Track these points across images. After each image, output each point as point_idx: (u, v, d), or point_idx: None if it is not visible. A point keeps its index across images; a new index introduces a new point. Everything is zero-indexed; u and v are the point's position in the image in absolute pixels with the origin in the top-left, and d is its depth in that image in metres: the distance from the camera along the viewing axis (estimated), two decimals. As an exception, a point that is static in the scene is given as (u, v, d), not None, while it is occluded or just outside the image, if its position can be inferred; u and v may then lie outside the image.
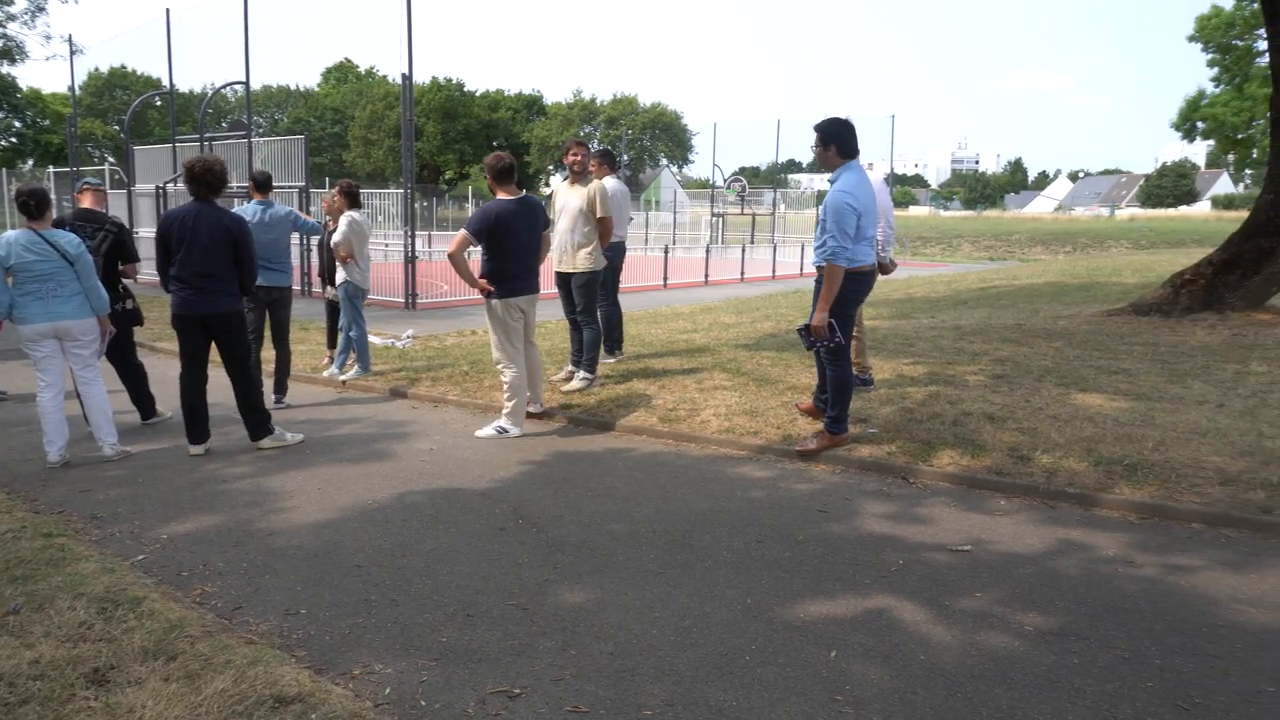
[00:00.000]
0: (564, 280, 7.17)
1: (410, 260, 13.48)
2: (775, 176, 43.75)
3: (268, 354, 7.12)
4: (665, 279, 18.92)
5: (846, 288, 5.20)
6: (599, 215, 6.82)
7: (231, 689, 2.63)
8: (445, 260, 7.36)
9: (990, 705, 2.69)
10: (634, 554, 3.91)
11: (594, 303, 7.13)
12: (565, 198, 7.02)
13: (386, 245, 17.18)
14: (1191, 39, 39.93)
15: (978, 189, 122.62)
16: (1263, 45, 10.20)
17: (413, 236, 13.51)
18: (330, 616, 3.31)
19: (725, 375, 7.30)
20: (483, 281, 6.04)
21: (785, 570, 3.72)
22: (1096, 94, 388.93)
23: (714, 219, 35.98)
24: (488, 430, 6.08)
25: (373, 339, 9.13)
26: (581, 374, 7.14)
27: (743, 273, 21.55)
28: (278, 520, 4.38)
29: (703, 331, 10.21)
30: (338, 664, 2.96)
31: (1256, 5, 9.83)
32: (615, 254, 8.00)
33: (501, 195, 6.04)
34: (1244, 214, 10.41)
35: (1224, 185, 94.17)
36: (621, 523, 4.32)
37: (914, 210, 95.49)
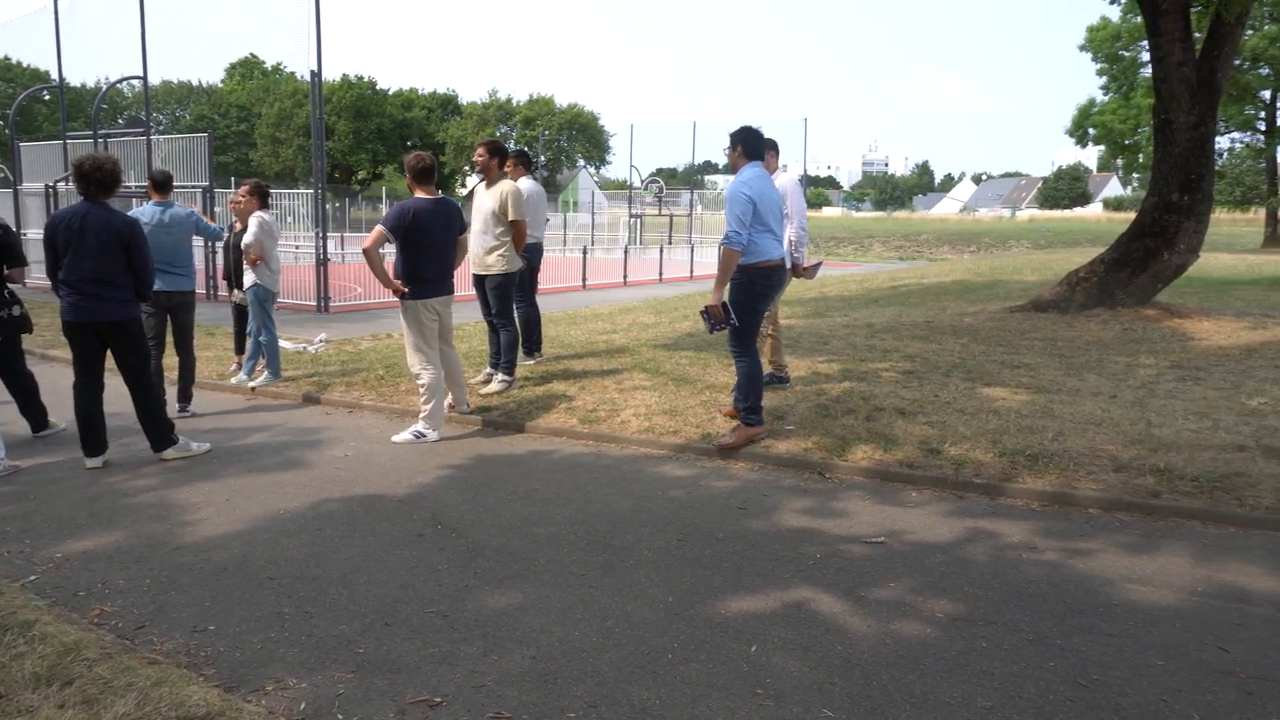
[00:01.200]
0: (480, 282, 7.09)
1: (322, 262, 13.12)
2: (692, 178, 44.15)
3: (170, 361, 6.83)
4: (584, 280, 18.89)
5: (757, 281, 5.47)
6: (510, 218, 6.75)
7: (134, 713, 2.52)
8: (360, 263, 7.19)
9: (904, 692, 2.77)
10: (555, 556, 3.90)
11: (509, 305, 7.08)
12: (479, 199, 6.95)
13: (297, 247, 16.68)
14: (1082, 49, 41.94)
15: (888, 191, 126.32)
16: (1147, 56, 10.82)
17: (324, 238, 13.16)
18: (241, 632, 3.19)
19: (645, 375, 7.33)
20: (397, 282, 5.93)
21: (706, 568, 3.76)
22: (998, 100, 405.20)
23: (632, 220, 36.11)
24: (405, 435, 5.97)
25: (283, 344, 8.85)
26: (500, 376, 7.07)
27: (661, 273, 21.68)
28: (184, 534, 4.21)
29: (622, 332, 10.23)
30: (249, 680, 2.86)
31: (1140, 18, 10.40)
32: (533, 255, 7.95)
33: (420, 195, 5.94)
34: (1132, 215, 10.99)
35: (1114, 188, 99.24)
36: (542, 525, 4.29)
37: (827, 211, 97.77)
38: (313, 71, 12.83)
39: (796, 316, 11.27)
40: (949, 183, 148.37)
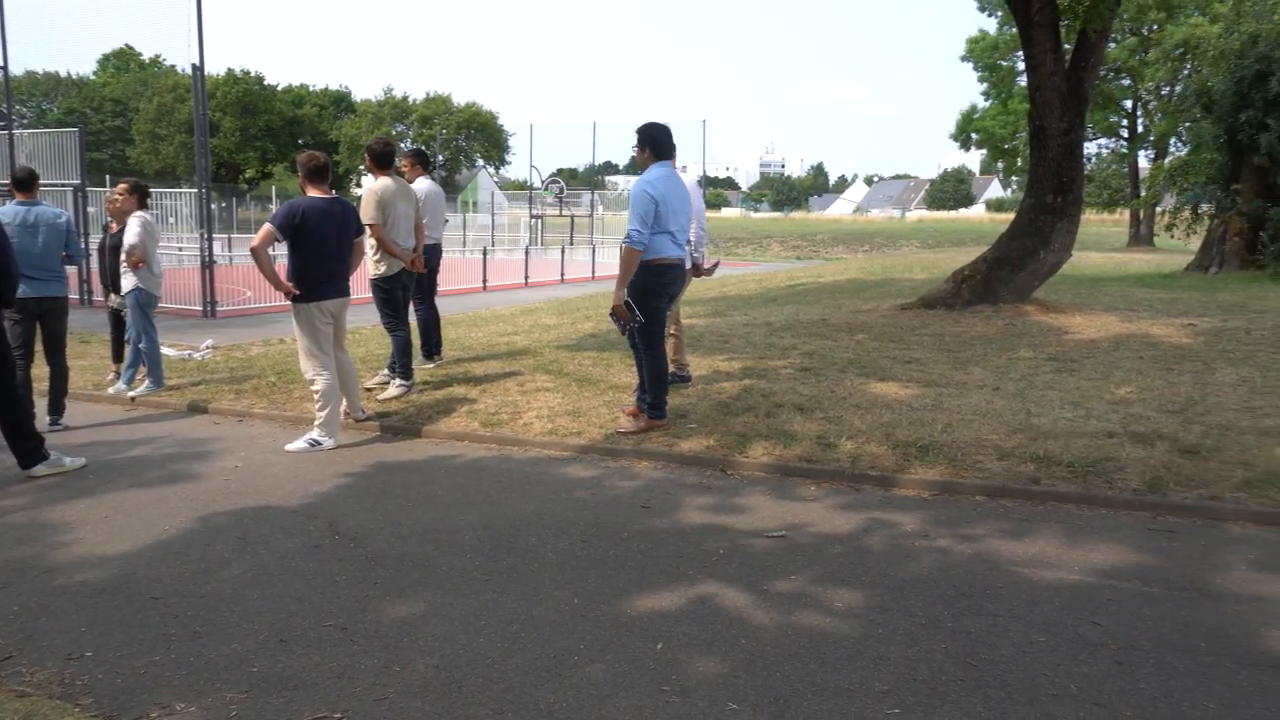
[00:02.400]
0: (377, 286, 6.93)
1: (208, 265, 12.55)
2: (593, 178, 44.18)
3: (40, 371, 6.40)
4: (485, 281, 18.67)
5: (650, 280, 5.52)
6: (363, 220, 6.59)
7: (2, 748, 2.35)
8: (249, 265, 6.90)
9: (806, 681, 2.84)
10: (459, 562, 3.83)
11: (392, 309, 6.92)
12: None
13: (180, 249, 15.90)
14: (964, 59, 43.95)
15: (784, 192, 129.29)
16: (1022, 66, 11.45)
17: (210, 239, 12.58)
18: (122, 657, 3.02)
19: (547, 377, 7.30)
20: (288, 284, 5.72)
21: (611, 568, 3.77)
22: (888, 104, 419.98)
23: (533, 220, 35.90)
24: (299, 443, 5.77)
25: (166, 350, 8.43)
26: (397, 381, 6.92)
27: (563, 274, 21.62)
28: (57, 556, 3.95)
29: (524, 333, 10.15)
30: (131, 708, 2.71)
31: (1015, 31, 10.98)
32: (431, 256, 7.81)
33: (313, 194, 5.75)
34: (1012, 216, 11.56)
35: (995, 190, 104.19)
36: (445, 531, 4.22)
37: (726, 212, 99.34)
38: (194, 65, 12.26)
39: (698, 316, 11.41)
40: (843, 184, 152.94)
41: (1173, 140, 36.00)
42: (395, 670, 2.91)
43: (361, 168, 61.72)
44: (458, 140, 70.56)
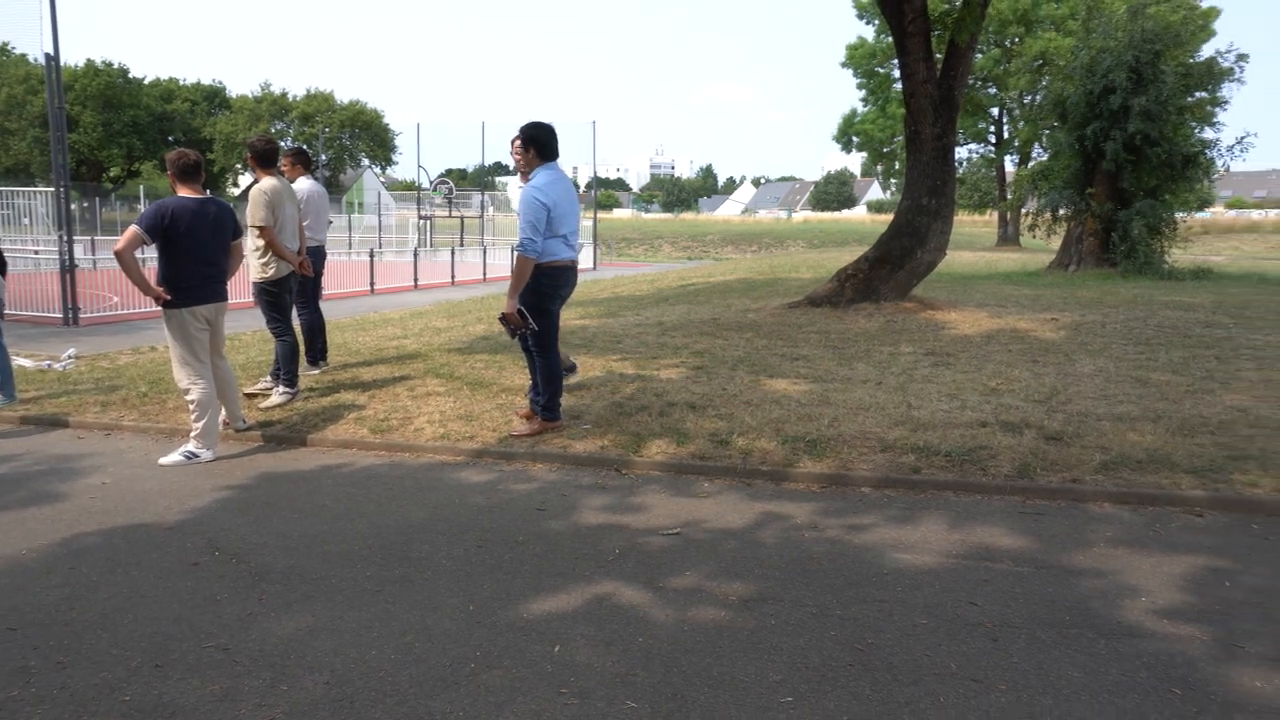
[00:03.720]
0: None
1: (68, 269, 11.76)
2: (483, 179, 43.65)
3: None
4: (372, 284, 18.18)
5: (544, 283, 5.48)
6: (249, 223, 6.35)
7: None
8: (116, 269, 6.51)
9: (703, 675, 2.88)
10: (349, 574, 3.72)
11: (279, 313, 6.67)
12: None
13: (36, 253, 14.84)
14: (844, 65, 45.49)
15: (675, 193, 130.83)
16: (899, 73, 11.90)
17: (70, 241, 11.79)
18: (-25, 692, 2.80)
19: (438, 381, 7.17)
20: (159, 289, 5.42)
21: (507, 572, 3.73)
22: (774, 108, 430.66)
23: (421, 222, 35.18)
24: (174, 457, 5.47)
25: (21, 361, 7.85)
26: (281, 388, 6.65)
27: (453, 276, 21.27)
28: (-104, 586, 3.63)
29: (414, 337, 9.94)
30: (-12, 746, 2.51)
31: (892, 39, 11.46)
32: (315, 259, 7.55)
33: (184, 194, 5.46)
34: (891, 217, 12.05)
35: (876, 192, 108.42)
36: (334, 543, 4.08)
37: (618, 213, 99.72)
38: (48, 54, 11.47)
39: (590, 316, 11.43)
40: (731, 185, 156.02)
41: (1035, 146, 38.28)
42: (282, 690, 2.80)
43: (239, 166, 59.11)
44: (341, 139, 68.42)
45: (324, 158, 62.64)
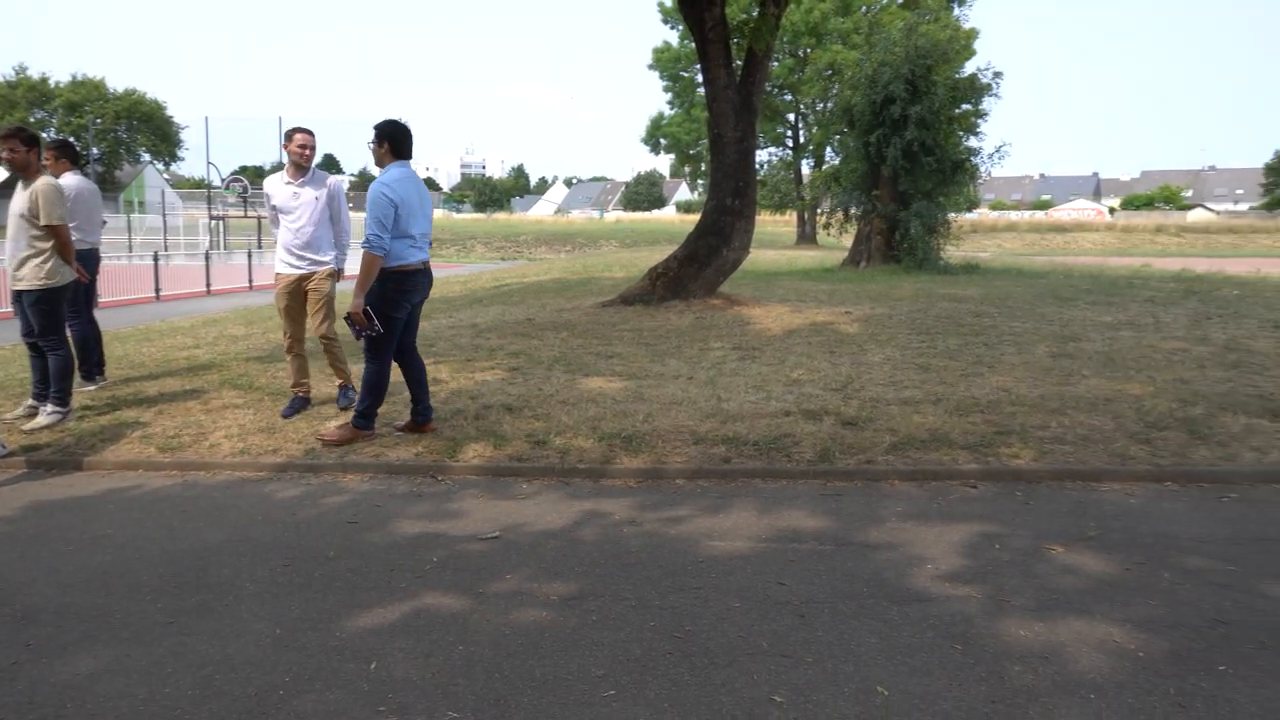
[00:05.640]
0: (18, 297, 5.95)
1: None
2: (281, 177, 41.13)
3: None
4: (158, 290, 16.75)
5: (391, 288, 5.29)
6: (43, 222, 5.73)
7: None
8: None
9: (525, 677, 2.87)
10: (136, 607, 3.41)
11: (55, 323, 6.01)
12: (14, 200, 5.83)
13: None
14: (651, 67, 46.59)
15: (487, 193, 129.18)
16: (702, 78, 12.41)
17: None
18: None
19: (236, 392, 6.71)
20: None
21: (317, 590, 3.55)
22: (584, 108, 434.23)
23: (213, 222, 32.77)
24: (-85, 491, 4.80)
25: None
26: (50, 408, 5.99)
27: (251, 280, 19.98)
28: None
29: (207, 346, 9.25)
30: None
31: (694, 44, 11.89)
32: (88, 263, 6.86)
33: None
34: (698, 217, 12.48)
35: (684, 193, 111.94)
36: (118, 574, 3.73)
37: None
38: None
39: (403, 320, 11.06)
40: (543, 185, 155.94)
41: (827, 150, 40.91)
42: (58, 741, 2.53)
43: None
44: (116, 131, 62.54)
45: (95, 152, 56.98)
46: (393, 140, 5.30)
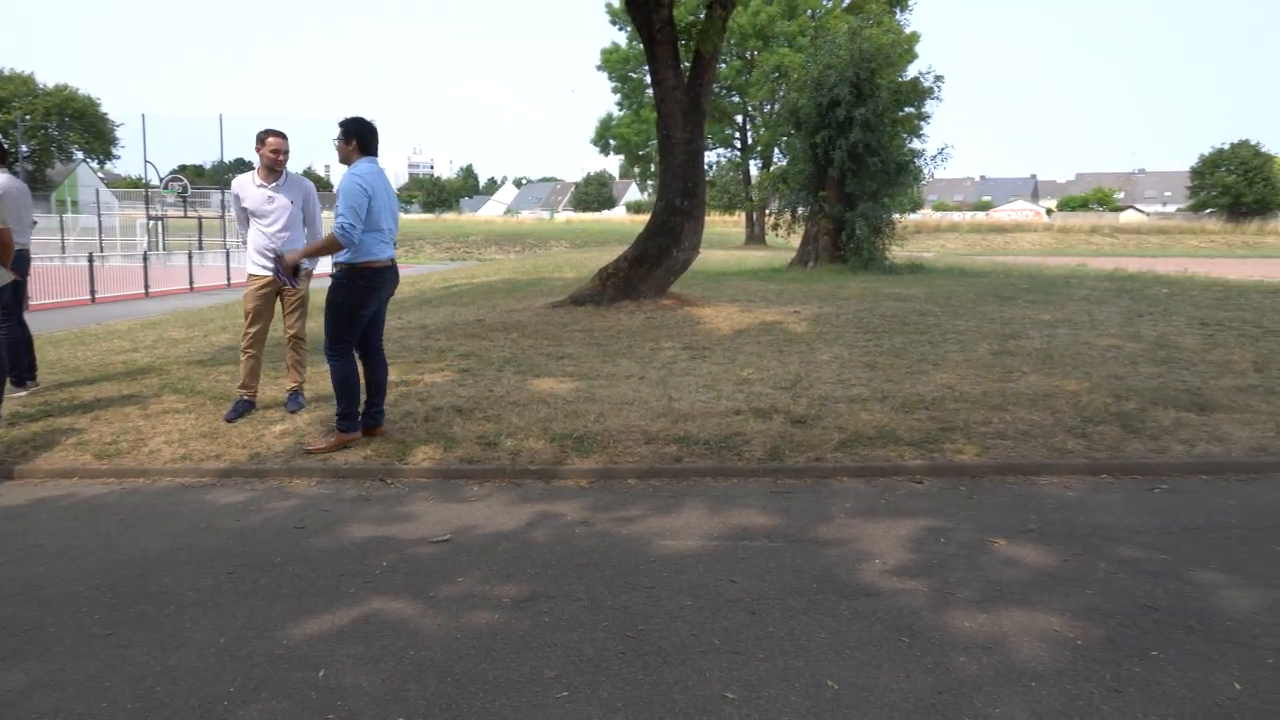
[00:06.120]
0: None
1: None
2: (223, 176, 40.32)
3: None
4: (93, 292, 16.25)
5: (359, 285, 5.24)
6: None
7: None
8: None
9: (477, 681, 2.85)
10: (72, 620, 3.31)
11: None
12: None
13: None
14: (599, 68, 46.58)
15: (435, 193, 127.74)
16: (650, 79, 12.44)
17: None
18: None
19: (177, 397, 6.54)
20: None
21: (263, 598, 3.49)
22: (533, 108, 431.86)
23: (152, 222, 31.90)
24: None
25: None
26: (-21, 414, 5.78)
27: (192, 282, 19.50)
28: None
29: (146, 350, 9.00)
30: None
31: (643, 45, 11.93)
32: (18, 264, 6.62)
33: None
34: (648, 217, 12.51)
35: (634, 193, 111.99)
36: (52, 586, 3.61)
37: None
38: None
39: (349, 322, 10.90)
40: (493, 186, 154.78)
41: (775, 151, 41.33)
42: (-10, 759, 2.45)
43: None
44: (47, 128, 60.51)
45: (24, 149, 55.10)
46: (360, 137, 5.27)
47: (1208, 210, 69.75)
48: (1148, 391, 6.37)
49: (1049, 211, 79.76)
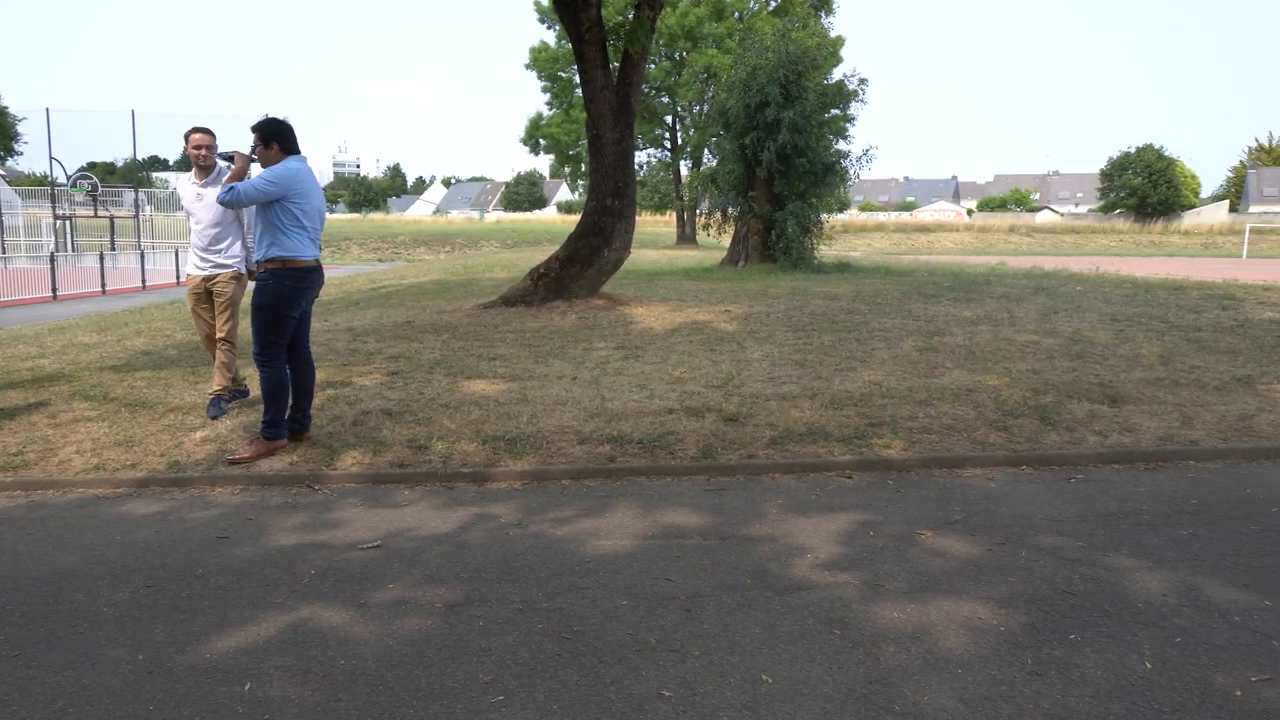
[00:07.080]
0: None
1: None
2: (137, 174, 38.84)
3: None
4: (-6, 296, 15.45)
5: (287, 285, 5.13)
6: None
7: None
8: None
9: (411, 688, 2.81)
10: (-24, 640, 3.14)
11: None
12: None
13: None
14: (528, 67, 46.28)
15: (361, 192, 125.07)
16: (580, 78, 12.41)
17: None
18: None
19: (89, 404, 6.27)
20: None
21: (184, 611, 3.36)
22: (461, 107, 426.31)
23: (59, 222, 30.50)
24: None
25: None
26: None
27: (104, 284, 18.72)
28: None
29: (54, 355, 8.60)
30: None
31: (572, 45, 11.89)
32: (-91, 267, 6.26)
33: None
34: (579, 217, 12.48)
35: (565, 193, 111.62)
36: (-47, 606, 3.42)
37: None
38: None
39: (273, 325, 10.60)
40: (421, 185, 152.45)
41: (705, 151, 41.64)
42: (-114, 792, 2.31)
43: None
44: (-60, 123, 57.23)
45: (-83, 145, 52.13)
46: (280, 138, 5.16)
47: (1117, 211, 72.86)
48: (1063, 385, 6.62)
49: (970, 212, 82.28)
